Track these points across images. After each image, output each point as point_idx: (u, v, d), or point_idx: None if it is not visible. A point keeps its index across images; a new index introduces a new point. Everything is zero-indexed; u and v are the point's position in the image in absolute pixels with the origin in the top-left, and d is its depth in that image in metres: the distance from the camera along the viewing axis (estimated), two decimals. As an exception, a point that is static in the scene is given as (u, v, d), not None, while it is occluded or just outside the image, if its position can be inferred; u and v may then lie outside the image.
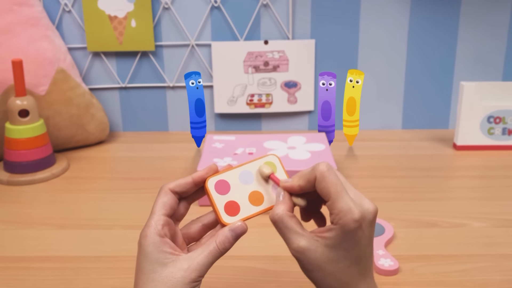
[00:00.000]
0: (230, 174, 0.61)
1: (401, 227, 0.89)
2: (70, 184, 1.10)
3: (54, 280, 0.76)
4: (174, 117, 1.42)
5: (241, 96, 1.38)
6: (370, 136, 1.36)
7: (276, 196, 0.60)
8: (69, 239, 0.88)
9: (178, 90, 1.40)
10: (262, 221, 0.93)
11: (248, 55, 1.35)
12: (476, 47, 1.35)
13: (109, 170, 1.19)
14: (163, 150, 1.29)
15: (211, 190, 0.60)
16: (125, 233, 0.89)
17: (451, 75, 1.38)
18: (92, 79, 1.38)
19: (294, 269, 0.77)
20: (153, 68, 1.38)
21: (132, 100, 1.40)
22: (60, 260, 0.81)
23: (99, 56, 1.36)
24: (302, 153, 1.05)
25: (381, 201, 0.99)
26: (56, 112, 1.21)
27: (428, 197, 1.01)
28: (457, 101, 1.39)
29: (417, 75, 1.38)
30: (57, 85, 1.21)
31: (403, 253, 0.81)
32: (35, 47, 1.19)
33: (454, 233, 0.88)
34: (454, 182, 1.09)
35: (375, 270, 0.76)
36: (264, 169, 0.61)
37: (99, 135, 1.32)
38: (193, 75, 1.22)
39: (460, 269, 0.77)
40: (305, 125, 1.42)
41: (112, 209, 0.98)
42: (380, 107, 1.40)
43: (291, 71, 1.36)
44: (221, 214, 0.59)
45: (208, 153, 1.05)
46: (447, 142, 1.30)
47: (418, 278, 0.75)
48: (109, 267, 0.79)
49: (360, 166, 1.16)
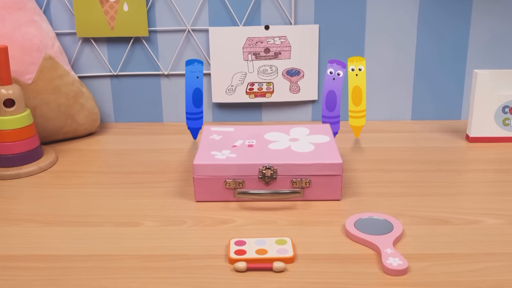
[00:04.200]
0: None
1: (410, 224, 0.89)
2: (58, 179, 1.10)
3: (42, 280, 0.76)
4: (169, 107, 1.41)
5: (240, 84, 1.38)
6: (377, 127, 1.36)
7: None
8: (57, 237, 0.87)
9: (173, 79, 1.39)
10: (262, 220, 0.93)
11: (247, 41, 1.34)
12: (490, 32, 1.34)
13: (100, 163, 1.18)
14: (157, 143, 1.28)
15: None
16: (117, 231, 0.89)
17: (464, 62, 1.37)
18: (82, 66, 1.38)
19: (295, 269, 0.77)
20: (146, 55, 1.37)
21: (124, 89, 1.40)
22: (48, 259, 0.81)
23: (89, 42, 1.36)
24: (305, 145, 1.04)
25: (389, 196, 0.99)
26: (44, 101, 1.21)
27: (439, 192, 1.01)
28: (470, 90, 1.38)
29: (428, 62, 1.37)
30: (44, 73, 1.20)
31: (412, 252, 0.81)
32: (21, 32, 1.18)
33: (467, 230, 0.87)
34: (467, 176, 1.08)
35: (383, 269, 0.76)
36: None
37: (89, 126, 1.31)
38: (196, 63, 1.23)
39: (473, 268, 0.77)
40: (308, 115, 1.42)
41: (103, 205, 0.98)
42: (388, 96, 1.40)
43: (293, 58, 1.36)
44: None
45: (205, 146, 1.05)
46: (459, 134, 1.30)
47: (429, 278, 0.75)
48: (100, 266, 0.79)
49: (367, 159, 1.16)
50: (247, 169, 0.97)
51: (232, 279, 0.75)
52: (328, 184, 0.97)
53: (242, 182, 0.97)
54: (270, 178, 0.96)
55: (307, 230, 0.88)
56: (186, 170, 1.12)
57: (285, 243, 0.82)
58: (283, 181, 0.97)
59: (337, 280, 0.75)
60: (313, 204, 0.97)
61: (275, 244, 0.82)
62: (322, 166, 0.96)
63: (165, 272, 0.77)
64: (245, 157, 0.99)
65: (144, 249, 0.83)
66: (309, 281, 0.74)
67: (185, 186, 1.04)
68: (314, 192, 0.97)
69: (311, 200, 0.98)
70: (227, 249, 0.82)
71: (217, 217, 0.93)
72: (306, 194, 0.97)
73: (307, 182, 0.96)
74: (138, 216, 0.94)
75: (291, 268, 0.77)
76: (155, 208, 0.96)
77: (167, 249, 0.83)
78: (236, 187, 0.97)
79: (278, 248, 0.80)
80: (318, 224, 0.90)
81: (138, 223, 0.91)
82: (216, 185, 0.97)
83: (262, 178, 0.96)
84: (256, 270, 0.76)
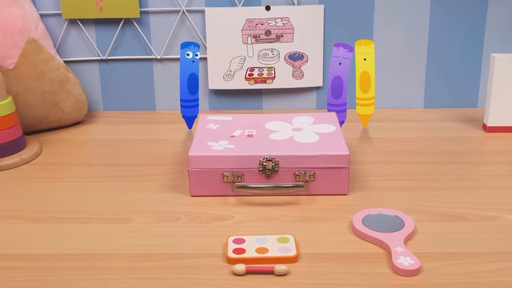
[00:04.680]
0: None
1: (423, 221, 0.89)
2: (42, 171, 1.10)
3: (24, 281, 0.76)
4: (162, 95, 1.41)
5: (239, 70, 1.37)
6: (387, 116, 1.36)
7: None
8: (41, 235, 0.87)
9: (167, 63, 1.39)
10: (262, 216, 0.93)
11: (247, 22, 1.34)
12: (510, 13, 1.34)
13: (88, 155, 1.18)
14: (149, 132, 1.28)
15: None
16: (106, 228, 0.89)
17: (481, 46, 1.37)
18: (68, 50, 1.38)
19: (298, 269, 0.77)
20: (138, 37, 1.37)
21: (113, 74, 1.40)
22: (31, 258, 0.81)
23: (75, 24, 1.35)
24: (309, 135, 1.04)
25: (400, 190, 0.99)
26: (27, 88, 1.21)
27: (454, 186, 1.01)
28: (487, 76, 1.38)
29: (442, 45, 1.37)
30: (27, 58, 1.20)
31: (425, 251, 0.81)
32: (2, 14, 1.18)
33: (484, 227, 0.87)
34: (484, 168, 1.08)
35: (393, 269, 0.76)
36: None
37: (76, 115, 1.31)
38: (192, 46, 1.23)
39: (491, 268, 0.77)
40: (312, 103, 1.42)
41: (91, 200, 0.98)
42: (398, 82, 1.40)
43: (296, 41, 1.35)
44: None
45: (201, 136, 1.05)
46: (476, 123, 1.30)
47: (443, 279, 0.75)
48: (88, 266, 0.79)
49: (376, 151, 1.16)
50: (247, 161, 0.96)
51: (230, 280, 0.75)
52: (334, 177, 0.97)
53: (241, 175, 0.97)
54: (271, 170, 0.96)
55: (311, 227, 0.88)
56: (181, 162, 1.12)
57: (288, 241, 0.82)
58: (285, 174, 0.97)
59: (343, 281, 0.75)
60: (317, 199, 0.97)
61: (277, 242, 0.81)
62: (327, 158, 0.96)
63: (158, 272, 0.77)
64: (244, 148, 0.99)
65: (135, 247, 0.83)
66: (313, 282, 0.74)
67: (179, 180, 1.04)
68: (318, 186, 0.97)
69: (316, 194, 0.98)
70: (225, 248, 0.81)
71: (214, 213, 0.93)
72: (310, 188, 0.97)
73: (311, 175, 0.96)
74: (128, 212, 0.94)
75: (294, 268, 0.77)
76: (147, 204, 0.96)
77: (160, 247, 0.83)
78: (235, 180, 0.97)
79: (280, 247, 0.80)
80: (323, 221, 0.90)
81: (129, 220, 0.91)
82: (213, 178, 0.97)
83: (262, 171, 0.96)
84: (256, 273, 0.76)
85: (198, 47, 1.22)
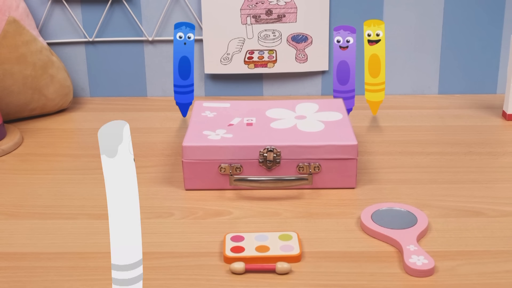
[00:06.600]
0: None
1: (437, 217, 0.89)
2: (24, 163, 1.10)
3: (5, 282, 0.76)
4: (154, 79, 1.42)
5: (238, 52, 1.37)
6: (398, 102, 1.36)
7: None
8: (22, 232, 0.87)
9: (159, 46, 1.39)
10: (263, 212, 0.93)
11: (246, 1, 1.34)
12: (532, -9, 1.34)
13: (73, 145, 1.19)
14: (140, 121, 1.28)
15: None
16: (92, 224, 0.89)
17: (500, 27, 1.37)
18: (52, 31, 1.38)
19: (302, 269, 0.77)
20: (127, 17, 1.37)
21: (101, 58, 1.40)
22: (12, 257, 0.81)
23: (60, 3, 1.35)
24: (313, 123, 1.04)
25: (412, 184, 0.99)
26: (7, 72, 1.21)
27: (471, 179, 1.01)
28: (507, 60, 1.38)
29: (458, 26, 1.37)
30: (7, 39, 1.20)
31: (439, 249, 0.81)
32: (-22, -9, 1.17)
33: (503, 224, 0.87)
34: (503, 160, 1.08)
35: (405, 269, 0.76)
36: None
37: (60, 102, 1.31)
38: (184, 26, 1.22)
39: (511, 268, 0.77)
40: (317, 89, 1.42)
41: (76, 194, 0.98)
42: (411, 66, 1.40)
43: (299, 21, 1.35)
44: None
45: (197, 124, 1.05)
46: (494, 111, 1.30)
47: (459, 280, 0.75)
48: (73, 266, 0.79)
49: (386, 140, 1.16)
50: (246, 151, 0.96)
51: (228, 280, 0.76)
52: (341, 169, 0.97)
53: (239, 167, 0.97)
54: (272, 162, 0.96)
55: (315, 224, 0.88)
56: (174, 153, 1.12)
57: (290, 238, 0.82)
58: (288, 166, 0.97)
59: (351, 282, 0.75)
60: (323, 193, 0.97)
61: (279, 239, 0.82)
62: (333, 148, 0.96)
63: (149, 272, 0.77)
64: (243, 137, 0.99)
65: (125, 245, 0.83)
66: (318, 283, 0.75)
67: (173, 172, 1.04)
68: (324, 179, 0.97)
69: (321, 188, 0.98)
70: (223, 246, 0.81)
71: (211, 208, 0.93)
72: (315, 181, 0.97)
73: (316, 167, 0.96)
74: (117, 207, 0.93)
75: (297, 268, 0.77)
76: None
77: (152, 245, 0.83)
78: (233, 173, 0.97)
79: (282, 245, 0.80)
80: (329, 217, 0.90)
81: (118, 215, 0.91)
82: (209, 170, 0.97)
83: (263, 162, 0.96)
84: (256, 271, 0.76)
85: (191, 28, 1.21)
